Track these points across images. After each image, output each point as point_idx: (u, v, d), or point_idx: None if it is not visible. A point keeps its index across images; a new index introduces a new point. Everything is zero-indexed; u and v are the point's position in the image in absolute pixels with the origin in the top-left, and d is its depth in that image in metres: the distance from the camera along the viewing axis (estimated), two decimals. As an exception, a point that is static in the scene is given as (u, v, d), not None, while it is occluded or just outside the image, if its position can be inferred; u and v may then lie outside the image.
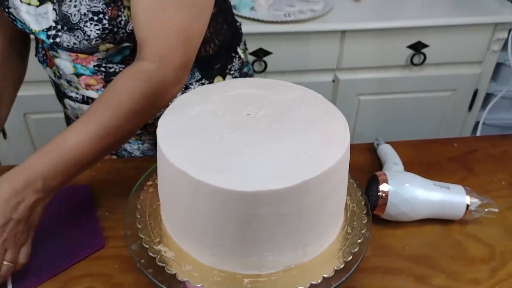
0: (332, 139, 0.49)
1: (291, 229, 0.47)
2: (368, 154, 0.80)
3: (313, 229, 0.48)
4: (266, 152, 0.47)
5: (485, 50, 1.40)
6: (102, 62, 0.70)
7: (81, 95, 0.75)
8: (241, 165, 0.45)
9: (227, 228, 0.46)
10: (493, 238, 0.66)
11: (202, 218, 0.47)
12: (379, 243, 0.64)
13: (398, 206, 0.63)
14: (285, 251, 0.48)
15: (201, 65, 0.76)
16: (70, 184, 0.58)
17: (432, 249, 0.64)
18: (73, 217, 0.66)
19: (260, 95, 0.56)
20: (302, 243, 0.48)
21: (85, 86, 0.72)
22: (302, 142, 0.48)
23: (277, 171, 0.44)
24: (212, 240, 0.47)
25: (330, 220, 0.51)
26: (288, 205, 0.44)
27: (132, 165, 0.77)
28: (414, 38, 1.35)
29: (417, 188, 0.64)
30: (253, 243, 0.47)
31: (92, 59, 0.69)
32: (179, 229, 0.51)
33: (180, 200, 0.47)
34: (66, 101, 0.78)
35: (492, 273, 0.61)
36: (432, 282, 0.60)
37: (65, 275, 0.59)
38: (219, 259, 0.48)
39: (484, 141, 0.85)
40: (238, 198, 0.43)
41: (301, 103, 0.55)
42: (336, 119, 0.53)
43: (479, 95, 1.49)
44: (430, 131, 1.55)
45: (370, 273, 0.60)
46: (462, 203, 0.64)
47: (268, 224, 0.45)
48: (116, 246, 0.63)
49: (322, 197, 0.47)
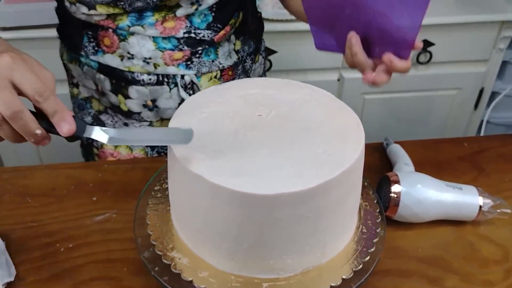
0: (347, 137, 0.49)
1: (311, 231, 0.46)
2: (376, 154, 0.79)
3: (332, 230, 0.48)
4: (281, 153, 0.46)
5: (491, 48, 1.39)
6: (191, 29, 0.70)
7: (155, 76, 0.73)
8: (258, 167, 0.44)
9: (246, 232, 0.45)
10: (506, 239, 0.65)
11: (220, 223, 0.46)
12: (391, 245, 0.63)
13: (410, 207, 0.63)
14: (304, 253, 0.47)
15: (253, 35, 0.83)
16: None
17: (445, 251, 0.63)
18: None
19: (269, 94, 0.55)
20: (320, 244, 0.48)
21: (169, 60, 0.72)
22: (317, 142, 0.48)
23: (296, 172, 0.44)
24: (230, 245, 0.46)
25: (347, 220, 0.50)
26: (308, 207, 0.44)
27: (139, 166, 0.77)
28: (419, 36, 1.33)
29: (429, 189, 0.63)
30: (272, 247, 0.46)
31: (181, 27, 0.69)
32: (195, 234, 0.50)
33: (196, 205, 0.46)
34: (132, 89, 0.75)
35: (506, 275, 0.60)
36: (445, 284, 0.59)
37: (73, 278, 0.59)
38: (237, 264, 0.47)
39: (493, 140, 0.84)
40: (258, 201, 0.42)
41: (311, 102, 0.54)
42: (348, 117, 0.52)
43: (485, 94, 1.48)
44: (436, 130, 1.54)
45: (383, 276, 0.59)
46: (475, 204, 0.64)
47: (287, 227, 0.44)
48: (124, 249, 0.62)
49: (341, 197, 0.46)
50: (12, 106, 0.42)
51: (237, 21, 0.77)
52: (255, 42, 0.84)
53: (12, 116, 0.42)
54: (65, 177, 0.74)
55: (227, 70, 0.78)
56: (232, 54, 0.78)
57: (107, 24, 0.70)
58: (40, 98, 0.43)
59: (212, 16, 0.72)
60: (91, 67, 0.76)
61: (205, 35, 0.72)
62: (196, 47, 0.72)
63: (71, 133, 0.45)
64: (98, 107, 0.82)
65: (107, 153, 0.84)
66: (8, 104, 0.42)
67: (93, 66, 0.75)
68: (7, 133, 0.44)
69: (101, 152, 0.84)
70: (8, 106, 0.42)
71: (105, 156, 0.84)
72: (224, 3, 0.73)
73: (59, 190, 0.72)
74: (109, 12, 0.68)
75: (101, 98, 0.80)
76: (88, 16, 0.70)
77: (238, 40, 0.79)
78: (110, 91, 0.77)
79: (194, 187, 0.45)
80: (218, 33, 0.73)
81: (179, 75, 0.74)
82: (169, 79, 0.74)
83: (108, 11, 0.68)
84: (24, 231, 0.65)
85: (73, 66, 0.80)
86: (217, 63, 0.76)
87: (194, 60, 0.73)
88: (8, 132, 0.44)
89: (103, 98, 0.79)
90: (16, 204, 0.70)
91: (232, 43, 0.78)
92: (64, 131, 0.45)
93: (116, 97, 0.77)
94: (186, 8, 0.69)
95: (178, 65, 0.73)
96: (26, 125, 0.43)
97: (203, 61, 0.74)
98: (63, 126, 0.45)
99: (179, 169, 0.46)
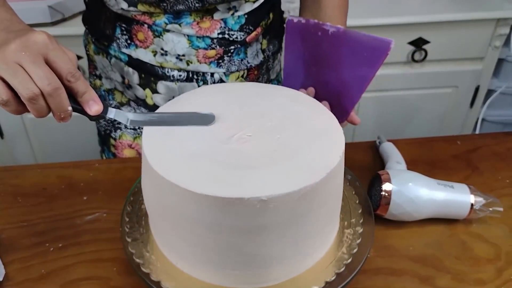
0: (326, 139, 0.48)
1: (293, 235, 0.45)
2: (369, 152, 0.79)
3: (316, 234, 0.47)
4: (261, 157, 0.46)
5: (487, 46, 1.39)
6: (225, 30, 0.71)
7: (185, 72, 0.74)
8: (237, 173, 0.44)
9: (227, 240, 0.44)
10: (498, 238, 0.64)
11: (201, 231, 0.45)
12: (382, 243, 0.63)
13: (402, 206, 0.62)
14: (287, 259, 0.47)
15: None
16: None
17: (437, 249, 0.62)
18: None
19: (247, 98, 0.55)
20: (304, 249, 0.47)
21: (203, 58, 0.72)
22: (296, 146, 0.47)
23: (276, 177, 0.43)
24: (210, 254, 0.46)
25: (330, 223, 0.50)
26: (291, 212, 0.43)
27: (130, 165, 0.76)
28: (415, 34, 1.33)
29: (421, 187, 0.63)
30: (255, 254, 0.45)
31: (216, 27, 0.70)
32: (172, 244, 0.49)
33: (173, 213, 0.46)
34: (161, 85, 0.75)
35: (498, 273, 0.60)
36: (437, 283, 0.58)
37: (62, 278, 0.58)
38: (219, 275, 0.47)
39: (487, 138, 0.83)
40: (239, 206, 0.41)
41: (289, 104, 0.54)
42: (326, 118, 0.52)
43: (481, 92, 1.48)
44: (431, 128, 1.54)
45: (373, 274, 0.59)
46: (467, 202, 0.63)
47: (270, 232, 0.44)
48: (114, 248, 0.61)
49: (323, 201, 0.46)
50: (53, 82, 0.43)
51: (267, 21, 0.78)
52: (279, 41, 0.85)
53: (51, 92, 0.43)
54: (56, 177, 0.74)
55: (253, 70, 0.79)
56: (259, 53, 0.79)
57: (143, 19, 0.70)
58: (72, 78, 0.45)
59: (245, 18, 0.73)
60: (120, 59, 0.75)
61: (238, 36, 0.73)
62: (228, 46, 0.73)
63: (98, 113, 0.48)
64: (121, 99, 0.82)
65: (125, 144, 0.84)
66: (49, 80, 0.43)
67: (123, 59, 0.75)
68: (40, 108, 0.44)
69: (119, 143, 0.84)
70: (49, 81, 0.43)
71: (123, 147, 0.84)
72: (257, 8, 0.74)
73: (50, 189, 0.72)
74: (149, 11, 0.69)
75: (126, 91, 0.80)
76: (125, 11, 0.70)
77: (265, 39, 0.79)
78: (138, 85, 0.77)
79: (172, 195, 0.44)
80: (250, 34, 0.74)
81: (209, 73, 0.75)
82: (198, 76, 0.75)
83: (149, 10, 0.68)
84: (14, 231, 0.65)
85: (99, 58, 0.79)
86: (245, 62, 0.77)
87: (226, 58, 0.74)
88: (41, 107, 0.44)
89: (128, 91, 0.79)
90: (6, 203, 0.69)
91: (259, 42, 0.78)
92: (92, 111, 0.47)
93: (143, 91, 0.77)
94: (223, 12, 0.71)
95: (210, 63, 0.73)
96: (61, 102, 0.45)
97: (233, 60, 0.75)
98: (92, 105, 0.47)
99: (153, 177, 0.45)
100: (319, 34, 0.65)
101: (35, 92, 0.43)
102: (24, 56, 0.43)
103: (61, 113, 0.45)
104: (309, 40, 0.67)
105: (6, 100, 0.43)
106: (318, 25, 0.65)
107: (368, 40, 0.59)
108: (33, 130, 1.41)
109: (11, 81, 0.42)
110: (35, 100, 0.43)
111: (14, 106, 0.44)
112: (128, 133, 0.83)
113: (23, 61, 0.43)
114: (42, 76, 0.43)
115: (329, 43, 0.64)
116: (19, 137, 1.41)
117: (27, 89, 0.42)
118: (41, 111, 0.45)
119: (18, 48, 0.43)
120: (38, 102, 0.44)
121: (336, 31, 0.63)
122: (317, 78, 0.67)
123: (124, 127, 0.83)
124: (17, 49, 0.43)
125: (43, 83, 0.43)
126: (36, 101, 0.43)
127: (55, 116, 0.46)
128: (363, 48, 0.60)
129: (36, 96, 0.43)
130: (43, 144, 1.44)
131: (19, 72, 0.42)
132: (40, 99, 0.43)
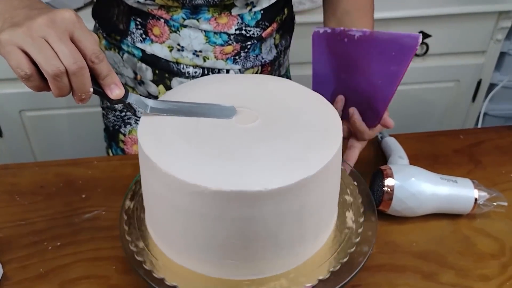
0: (324, 131, 0.48)
1: (289, 229, 0.45)
2: (371, 147, 0.78)
3: (312, 228, 0.47)
4: (259, 149, 0.45)
5: (489, 40, 1.37)
6: (242, 26, 0.70)
7: (201, 69, 0.73)
8: (234, 166, 0.43)
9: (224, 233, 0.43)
10: (502, 233, 0.64)
11: (197, 225, 0.44)
12: (384, 239, 0.62)
13: (404, 201, 0.61)
14: (284, 252, 0.46)
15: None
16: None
17: (440, 245, 0.62)
18: None
19: (244, 90, 0.54)
20: (299, 242, 0.47)
21: (220, 54, 0.72)
22: (295, 137, 0.47)
23: (274, 170, 0.42)
24: (206, 247, 0.45)
25: (327, 217, 0.49)
26: (288, 204, 0.43)
27: (129, 162, 0.75)
28: (416, 28, 1.32)
29: (424, 182, 0.62)
30: (251, 247, 0.45)
31: (233, 23, 0.70)
32: (170, 239, 0.49)
33: (171, 206, 0.45)
34: (175, 81, 0.75)
35: (502, 269, 0.59)
36: (440, 279, 0.58)
37: (60, 277, 0.58)
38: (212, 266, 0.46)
39: (490, 132, 0.82)
40: (235, 199, 0.41)
41: (288, 95, 0.53)
42: (326, 109, 0.51)
43: (483, 86, 1.46)
44: (433, 123, 1.53)
45: (375, 271, 0.58)
46: (470, 197, 0.62)
47: (266, 226, 0.43)
48: (113, 247, 0.61)
49: (320, 194, 0.45)
50: (78, 61, 0.42)
51: (282, 17, 0.77)
52: (290, 36, 0.84)
53: (76, 71, 0.42)
54: (54, 175, 0.73)
55: (267, 66, 0.78)
56: (272, 48, 0.78)
57: (160, 14, 0.69)
58: (96, 59, 0.44)
59: (261, 14, 0.72)
60: (133, 55, 0.74)
61: (254, 32, 0.73)
62: (245, 42, 0.72)
63: (119, 97, 0.47)
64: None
65: (135, 140, 0.82)
66: (75, 58, 0.42)
67: (136, 54, 0.73)
68: (62, 86, 0.43)
69: (128, 138, 0.83)
70: (74, 60, 0.42)
71: (132, 142, 0.83)
72: (274, 3, 0.73)
73: (48, 187, 0.71)
74: (167, 4, 0.67)
75: (137, 87, 0.78)
76: (141, 4, 0.68)
77: (278, 34, 0.78)
78: (151, 81, 0.75)
79: (169, 187, 0.43)
80: (266, 30, 0.74)
81: (224, 70, 0.74)
82: (214, 73, 0.74)
83: (167, 3, 0.67)
84: (11, 229, 0.64)
85: (111, 53, 0.77)
86: (260, 58, 0.76)
87: (242, 54, 0.73)
88: (64, 86, 0.43)
89: (139, 87, 0.78)
90: (4, 202, 0.69)
91: (273, 37, 0.77)
92: (113, 95, 0.46)
93: (157, 88, 0.76)
94: (241, 8, 0.70)
95: (227, 59, 0.73)
96: (84, 82, 0.44)
97: (248, 56, 0.74)
98: (114, 89, 0.46)
99: (151, 169, 0.44)
100: (345, 41, 0.64)
101: (61, 69, 0.42)
102: (50, 32, 0.42)
103: (82, 94, 0.44)
104: (336, 48, 0.67)
105: (30, 74, 0.42)
106: (344, 32, 0.65)
107: (395, 38, 0.58)
108: (31, 127, 1.40)
109: (36, 55, 0.41)
110: (59, 78, 0.42)
111: (36, 81, 0.43)
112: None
113: (49, 37, 0.42)
114: (67, 54, 0.42)
115: (356, 48, 0.64)
116: (17, 135, 1.40)
117: (53, 65, 0.41)
118: (63, 89, 0.43)
119: (45, 23, 0.42)
120: (61, 80, 0.42)
121: (362, 35, 0.62)
122: (347, 85, 0.67)
123: (134, 123, 0.82)
124: (44, 23, 0.42)
125: (69, 61, 0.42)
126: (60, 78, 0.42)
127: (75, 97, 0.45)
128: (390, 47, 0.59)
129: (61, 73, 0.42)
130: (42, 142, 1.43)
131: (44, 47, 0.41)
132: (64, 77, 0.42)
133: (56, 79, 0.42)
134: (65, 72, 0.42)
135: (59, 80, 0.42)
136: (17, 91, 1.31)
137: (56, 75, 0.42)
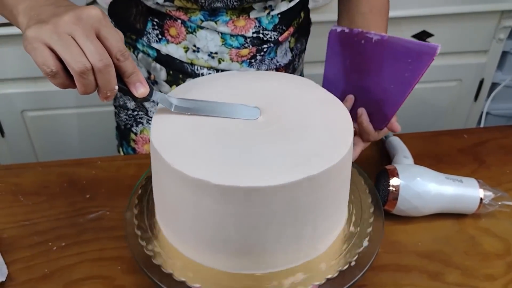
0: (335, 129, 0.48)
1: (298, 226, 0.45)
2: (375, 147, 0.78)
3: (320, 225, 0.47)
4: (268, 146, 0.45)
5: (491, 39, 1.37)
6: (259, 29, 0.70)
7: (215, 71, 0.73)
8: (244, 161, 0.43)
9: (231, 227, 0.44)
10: (508, 232, 0.63)
11: (207, 219, 0.44)
12: (389, 239, 0.62)
13: (410, 201, 0.61)
14: (291, 249, 0.46)
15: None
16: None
17: (445, 245, 0.62)
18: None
19: (255, 87, 0.54)
20: (308, 240, 0.47)
21: (235, 57, 0.71)
22: (305, 135, 0.47)
23: (283, 166, 0.43)
24: (214, 241, 0.45)
25: (336, 215, 0.49)
26: (295, 201, 0.43)
27: (133, 162, 0.75)
28: (418, 27, 1.32)
29: (429, 182, 0.62)
30: (258, 242, 0.45)
31: (251, 26, 0.69)
32: (180, 233, 0.49)
33: (181, 202, 0.45)
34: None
35: (508, 268, 0.59)
36: (446, 279, 0.57)
37: (65, 278, 0.57)
38: (221, 260, 0.46)
39: (494, 131, 0.82)
40: (244, 194, 0.41)
41: (299, 93, 0.53)
42: (336, 108, 0.51)
43: (485, 85, 1.46)
44: (436, 122, 1.52)
45: (381, 271, 0.58)
46: (476, 197, 0.62)
47: (274, 222, 0.43)
48: (117, 247, 0.61)
49: (329, 192, 0.45)
50: (104, 58, 0.42)
51: (299, 20, 0.77)
52: (306, 40, 0.84)
53: (102, 69, 0.42)
54: (57, 175, 0.73)
55: (282, 69, 0.78)
56: (287, 52, 0.78)
57: (178, 15, 0.68)
58: (122, 57, 0.44)
59: (278, 18, 0.72)
60: (147, 55, 0.74)
61: (272, 36, 0.72)
62: (261, 45, 0.72)
63: (144, 96, 0.47)
64: None
65: (146, 139, 0.82)
66: (101, 56, 0.42)
67: (151, 54, 0.73)
68: (88, 84, 0.43)
69: (139, 137, 0.83)
70: (101, 57, 0.42)
71: (143, 142, 0.83)
72: (292, 7, 0.73)
73: (52, 187, 0.71)
74: (186, 6, 0.67)
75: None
76: (159, 5, 0.68)
77: (293, 37, 0.78)
78: (165, 81, 0.75)
79: (178, 182, 0.43)
80: (283, 34, 0.73)
81: None
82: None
83: (185, 5, 0.67)
84: (15, 230, 0.64)
85: None
86: (275, 61, 0.76)
87: (258, 57, 0.73)
88: (90, 83, 0.43)
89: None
90: (7, 202, 0.69)
91: (288, 41, 0.77)
92: (138, 93, 0.47)
93: (170, 88, 0.75)
94: (259, 11, 0.70)
95: (242, 62, 0.72)
96: (110, 80, 0.44)
97: (264, 59, 0.74)
98: (139, 87, 0.47)
99: (162, 165, 0.44)
100: (362, 42, 0.64)
101: (87, 66, 0.41)
102: (77, 29, 0.41)
103: (107, 91, 0.44)
104: (351, 48, 0.67)
105: (56, 71, 0.42)
106: (362, 33, 0.65)
107: (413, 46, 0.58)
108: (33, 127, 1.40)
109: (62, 53, 0.41)
110: (85, 75, 0.42)
111: (62, 79, 0.43)
112: (150, 128, 0.82)
113: (76, 34, 0.41)
114: (94, 51, 0.42)
115: (372, 50, 0.64)
116: (19, 135, 1.40)
117: (79, 62, 0.41)
118: (88, 86, 0.43)
119: (72, 20, 0.42)
120: (87, 77, 0.42)
121: (380, 39, 0.62)
122: (358, 85, 0.67)
123: (146, 122, 0.81)
124: (70, 20, 0.41)
125: (95, 58, 0.42)
126: (86, 75, 0.42)
127: (100, 94, 0.45)
128: (407, 54, 0.59)
129: (87, 71, 0.42)
130: (44, 142, 1.43)
131: (71, 44, 0.41)
132: (90, 74, 0.42)
133: (82, 76, 0.42)
134: (91, 69, 0.42)
135: (85, 78, 0.42)
136: (18, 91, 1.31)
137: (82, 72, 0.42)
